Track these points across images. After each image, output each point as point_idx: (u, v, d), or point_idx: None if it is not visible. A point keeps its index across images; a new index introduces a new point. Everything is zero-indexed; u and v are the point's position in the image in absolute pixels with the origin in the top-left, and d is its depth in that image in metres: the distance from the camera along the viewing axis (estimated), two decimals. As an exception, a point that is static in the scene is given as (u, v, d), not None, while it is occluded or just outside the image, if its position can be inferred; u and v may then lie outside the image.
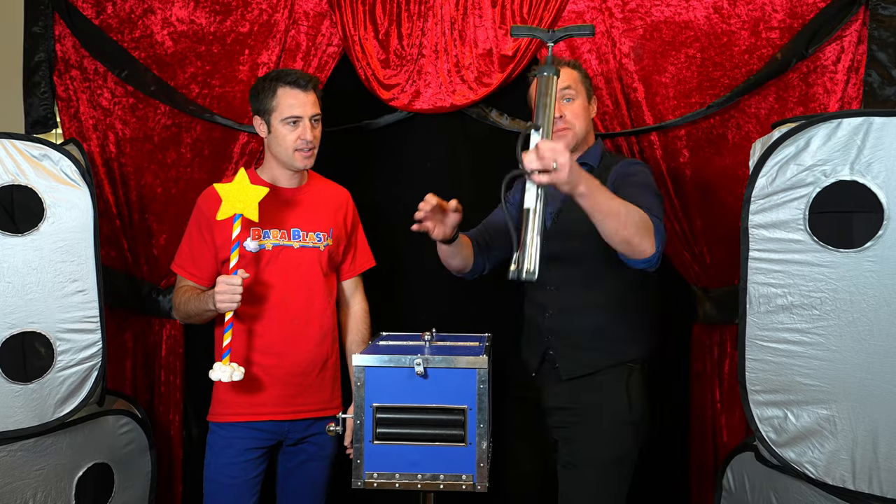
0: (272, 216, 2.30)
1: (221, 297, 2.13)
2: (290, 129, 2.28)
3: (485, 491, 1.86)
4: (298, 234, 2.34)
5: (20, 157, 2.24)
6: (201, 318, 2.31)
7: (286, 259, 2.32)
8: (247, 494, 2.29)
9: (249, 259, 2.27)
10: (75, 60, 2.75)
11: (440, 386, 1.86)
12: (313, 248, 2.35)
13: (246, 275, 2.17)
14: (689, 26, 2.62)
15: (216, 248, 2.31)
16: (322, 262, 2.36)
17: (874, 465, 1.92)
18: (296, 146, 2.28)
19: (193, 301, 2.27)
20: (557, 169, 1.64)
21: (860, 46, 2.50)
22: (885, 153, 1.92)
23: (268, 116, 2.30)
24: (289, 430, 2.33)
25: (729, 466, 2.41)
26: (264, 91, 2.30)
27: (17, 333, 2.22)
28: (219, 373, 2.14)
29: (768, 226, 2.05)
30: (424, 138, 2.81)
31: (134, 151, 2.76)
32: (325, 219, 2.39)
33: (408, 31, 2.73)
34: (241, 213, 2.15)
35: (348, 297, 2.50)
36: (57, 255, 2.26)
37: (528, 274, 1.71)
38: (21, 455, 2.24)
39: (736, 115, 2.61)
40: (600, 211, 1.81)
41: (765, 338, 2.06)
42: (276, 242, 2.31)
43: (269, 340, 2.29)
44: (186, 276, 2.36)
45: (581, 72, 2.31)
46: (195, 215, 2.36)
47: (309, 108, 2.28)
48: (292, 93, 2.27)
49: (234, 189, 2.15)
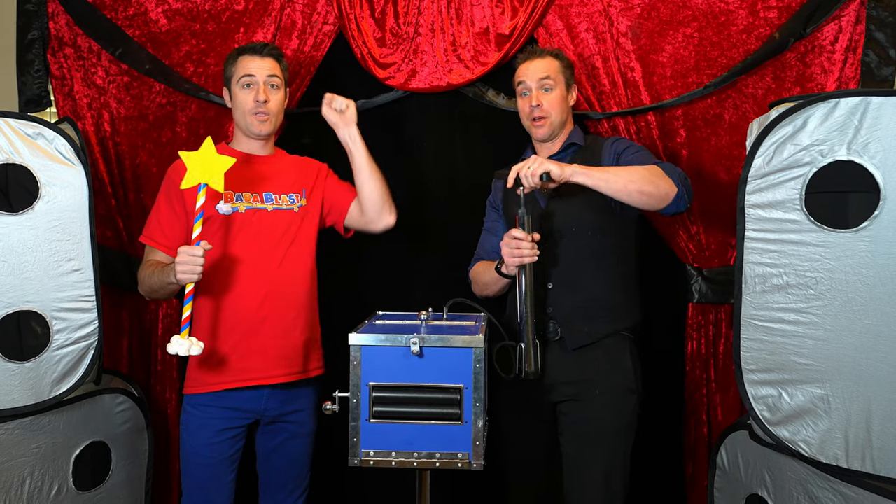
0: (245, 181, 2.30)
1: (182, 269, 2.08)
2: (246, 91, 2.31)
3: (481, 469, 1.87)
4: (271, 198, 2.33)
5: (14, 136, 2.23)
6: (165, 291, 2.25)
7: (259, 222, 2.30)
8: (224, 472, 2.27)
9: (223, 222, 2.25)
10: (69, 38, 2.73)
11: (436, 365, 1.86)
12: (287, 209, 2.34)
13: (208, 246, 2.12)
14: (687, 5, 2.61)
15: (187, 217, 2.28)
16: (298, 224, 2.34)
17: (867, 444, 1.93)
18: (251, 109, 2.30)
19: (157, 274, 2.22)
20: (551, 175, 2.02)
21: (858, 26, 2.50)
22: (883, 133, 1.92)
23: (229, 83, 2.36)
24: (265, 407, 2.29)
25: (723, 445, 2.42)
26: (228, 60, 2.37)
27: (13, 312, 2.22)
28: (176, 346, 2.08)
29: (765, 206, 2.05)
30: (421, 117, 2.80)
31: (129, 130, 2.75)
32: (297, 181, 2.39)
33: (404, 10, 2.71)
34: (206, 182, 2.11)
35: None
36: (52, 234, 2.25)
37: (528, 375, 2.06)
38: (18, 433, 2.25)
39: (733, 95, 2.60)
40: (601, 178, 2.07)
41: (760, 317, 2.07)
42: (249, 205, 2.30)
43: (245, 305, 2.26)
44: (156, 245, 2.31)
45: (562, 61, 2.38)
46: (165, 185, 2.34)
47: (264, 71, 2.32)
48: (249, 57, 2.34)
49: (200, 158, 2.11)
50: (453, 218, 2.77)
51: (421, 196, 2.81)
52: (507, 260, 2.14)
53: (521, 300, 2.09)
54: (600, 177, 2.07)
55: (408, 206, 2.79)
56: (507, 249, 2.12)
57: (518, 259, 2.09)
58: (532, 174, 2.03)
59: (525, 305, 2.07)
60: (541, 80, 2.31)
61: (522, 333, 2.08)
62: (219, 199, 2.24)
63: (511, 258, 2.11)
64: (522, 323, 2.07)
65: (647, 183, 2.09)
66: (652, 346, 2.49)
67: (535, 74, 2.32)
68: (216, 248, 2.22)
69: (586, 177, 2.06)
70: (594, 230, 2.27)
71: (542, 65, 2.33)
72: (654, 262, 2.59)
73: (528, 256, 2.09)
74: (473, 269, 2.47)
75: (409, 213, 2.80)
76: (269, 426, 2.35)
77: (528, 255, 2.08)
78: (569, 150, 2.37)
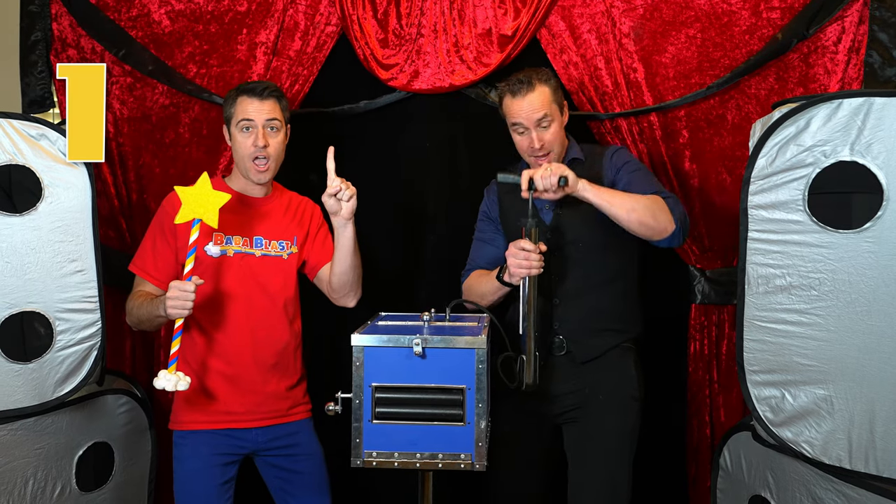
0: (236, 223, 2.27)
1: (173, 303, 2.06)
2: (245, 135, 2.26)
3: (483, 470, 1.87)
4: (261, 243, 2.30)
5: (17, 137, 2.23)
6: (152, 324, 2.24)
7: (247, 267, 2.27)
8: (217, 499, 2.24)
9: (210, 264, 2.23)
10: (72, 39, 2.73)
11: (439, 366, 1.86)
12: (276, 256, 2.31)
13: (200, 281, 2.11)
14: (690, 6, 2.61)
15: (178, 251, 2.25)
16: (285, 271, 2.32)
17: (870, 445, 1.93)
18: (250, 154, 2.25)
19: (146, 306, 2.20)
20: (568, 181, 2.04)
21: (861, 27, 2.50)
22: (886, 134, 1.92)
23: (228, 124, 2.30)
24: (255, 437, 2.28)
25: (726, 446, 2.42)
26: (228, 99, 2.31)
27: (16, 313, 2.22)
28: (163, 381, 2.06)
29: (768, 206, 2.05)
30: (423, 118, 2.80)
31: (132, 131, 2.75)
32: (290, 227, 2.36)
33: (406, 11, 2.71)
34: (200, 217, 2.09)
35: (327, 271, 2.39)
36: (55, 234, 2.26)
37: (528, 386, 2.05)
38: (21, 434, 2.25)
39: (736, 96, 2.60)
40: (606, 199, 2.10)
41: (763, 318, 2.07)
42: (238, 249, 2.27)
43: (229, 348, 2.25)
44: (146, 277, 2.28)
45: (550, 85, 2.28)
46: (158, 216, 2.31)
47: (263, 115, 2.25)
48: (248, 100, 2.26)
49: (196, 193, 2.09)
50: (455, 219, 2.77)
51: (423, 197, 2.81)
52: (513, 270, 2.11)
53: (524, 311, 2.07)
54: (606, 198, 2.10)
55: (410, 207, 2.80)
56: (515, 260, 2.09)
57: (525, 270, 2.07)
58: (552, 174, 2.03)
59: (528, 318, 2.05)
60: (538, 120, 2.23)
61: (523, 345, 2.06)
62: (212, 234, 2.22)
63: (518, 269, 2.08)
64: (524, 335, 2.06)
65: (649, 215, 2.11)
66: (655, 348, 2.48)
67: (530, 115, 2.23)
68: (203, 287, 2.17)
69: (594, 195, 2.09)
70: (601, 245, 2.27)
71: (535, 100, 2.22)
72: (657, 262, 2.59)
73: (535, 268, 2.07)
74: (467, 280, 2.43)
75: (411, 214, 2.81)
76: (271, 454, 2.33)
77: (535, 267, 2.07)
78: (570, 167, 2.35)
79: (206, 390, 2.24)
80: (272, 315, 2.30)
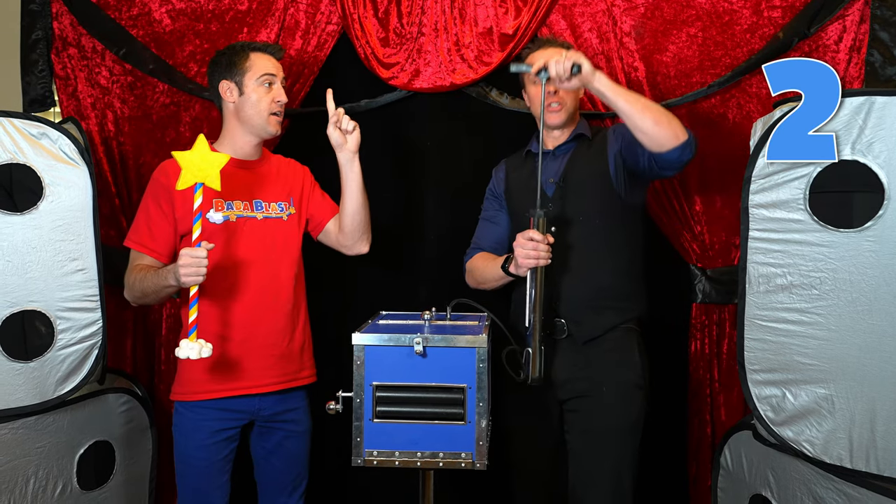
0: (235, 188, 2.26)
1: (186, 271, 2.02)
2: (265, 90, 2.27)
3: (484, 469, 1.87)
4: (261, 206, 2.30)
5: (18, 136, 2.23)
6: (158, 296, 2.21)
7: (251, 230, 2.27)
8: (219, 473, 2.25)
9: (212, 231, 2.20)
10: (73, 38, 2.73)
11: (440, 365, 1.87)
12: (276, 218, 2.31)
13: (211, 246, 2.08)
14: (691, 5, 2.60)
15: (176, 221, 2.23)
16: (286, 232, 2.32)
17: (871, 444, 1.93)
18: (271, 109, 2.27)
19: (150, 277, 2.15)
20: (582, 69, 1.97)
21: (862, 25, 2.49)
22: (887, 133, 1.92)
23: (240, 77, 2.27)
24: (259, 406, 2.28)
25: (727, 445, 2.42)
26: (236, 54, 2.29)
27: (17, 312, 2.23)
28: (186, 350, 2.03)
29: (768, 205, 2.05)
30: (424, 117, 2.80)
31: (133, 130, 2.75)
32: (285, 188, 2.36)
33: (407, 10, 2.71)
34: (202, 181, 2.04)
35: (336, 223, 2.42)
36: (56, 233, 2.26)
37: (533, 381, 2.02)
38: (22, 433, 2.25)
39: (737, 95, 2.60)
40: (622, 96, 2.02)
41: (764, 317, 2.07)
42: (241, 213, 2.27)
43: (237, 314, 2.24)
44: (144, 250, 2.24)
45: None
46: (151, 188, 2.28)
47: (281, 72, 2.33)
48: (266, 56, 2.31)
49: (194, 157, 2.04)
50: (456, 217, 2.77)
51: (424, 195, 2.81)
52: (520, 261, 2.09)
53: (531, 304, 2.06)
54: (622, 93, 2.02)
55: (411, 205, 2.80)
56: (523, 251, 2.06)
57: (533, 261, 2.05)
58: (566, 59, 1.97)
59: (534, 310, 2.04)
60: None
61: (529, 338, 2.05)
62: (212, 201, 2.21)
63: (526, 259, 2.06)
64: (530, 328, 2.04)
65: (663, 116, 2.03)
66: (655, 346, 2.48)
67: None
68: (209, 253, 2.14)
69: (608, 87, 2.01)
70: (601, 217, 2.24)
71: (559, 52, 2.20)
72: (658, 261, 2.59)
73: (543, 259, 2.05)
74: (472, 260, 2.43)
75: (412, 213, 2.80)
76: (265, 426, 2.33)
77: (543, 258, 2.05)
78: (575, 142, 2.35)
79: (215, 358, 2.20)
80: (279, 277, 2.29)
